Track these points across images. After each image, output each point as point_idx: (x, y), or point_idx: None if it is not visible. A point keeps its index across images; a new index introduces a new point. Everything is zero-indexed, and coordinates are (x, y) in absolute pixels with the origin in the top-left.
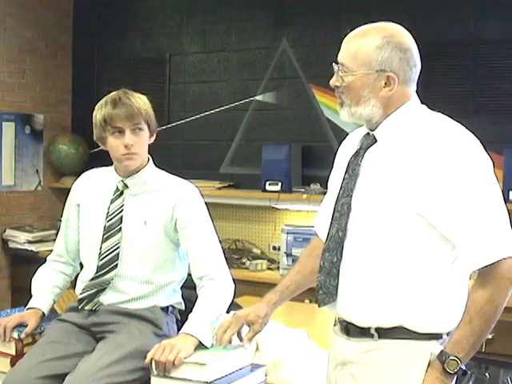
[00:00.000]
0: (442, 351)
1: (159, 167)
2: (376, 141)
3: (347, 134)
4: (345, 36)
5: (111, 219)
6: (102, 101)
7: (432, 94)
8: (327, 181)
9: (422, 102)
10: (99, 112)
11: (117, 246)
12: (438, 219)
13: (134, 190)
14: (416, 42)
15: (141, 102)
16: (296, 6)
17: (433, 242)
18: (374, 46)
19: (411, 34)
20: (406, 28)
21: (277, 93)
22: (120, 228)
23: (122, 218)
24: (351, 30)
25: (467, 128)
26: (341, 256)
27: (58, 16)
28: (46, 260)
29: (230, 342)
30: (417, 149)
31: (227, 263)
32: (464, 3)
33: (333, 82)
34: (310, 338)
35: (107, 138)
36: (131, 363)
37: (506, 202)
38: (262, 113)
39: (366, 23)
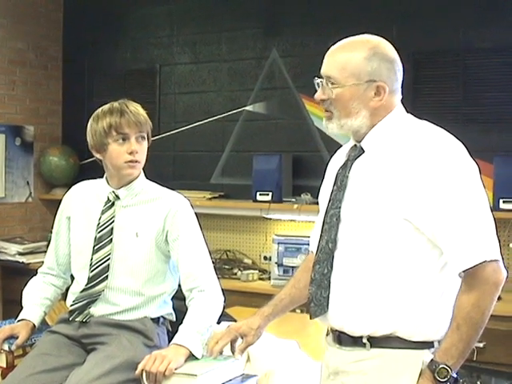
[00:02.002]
0: (431, 360)
1: (150, 178)
2: (363, 151)
3: (338, 144)
4: (328, 49)
5: (102, 230)
6: (102, 110)
7: (422, 103)
8: (318, 191)
9: (412, 111)
10: (101, 120)
11: (107, 258)
12: (425, 223)
13: (126, 201)
14: (406, 51)
15: (144, 112)
16: (286, 16)
17: (421, 248)
18: (362, 57)
19: (401, 44)
20: (395, 38)
21: (267, 103)
22: (111, 239)
23: (112, 229)
24: (333, 44)
25: (457, 136)
26: (331, 267)
27: (48, 27)
28: (36, 272)
29: (221, 353)
30: (402, 156)
31: (218, 274)
32: (454, 13)
33: (318, 95)
34: (301, 348)
35: (109, 144)
36: (122, 375)
37: (496, 211)
38: (252, 123)
39: (356, 33)
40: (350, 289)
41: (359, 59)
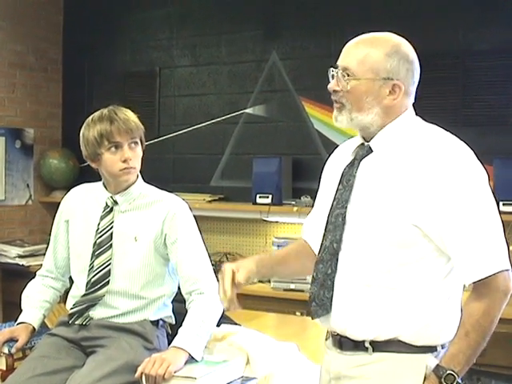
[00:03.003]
0: (438, 365)
1: (150, 181)
2: (371, 151)
3: (337, 146)
4: (344, 44)
5: (101, 236)
6: (93, 118)
7: (421, 105)
8: (317, 193)
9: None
10: (92, 129)
11: (108, 263)
12: (434, 231)
13: (124, 206)
14: None
15: (134, 117)
16: (285, 19)
17: (427, 255)
18: (384, 54)
19: None
20: None
21: (267, 106)
22: (111, 245)
23: (112, 234)
24: (352, 38)
25: (458, 138)
26: (335, 268)
27: (48, 30)
28: (35, 275)
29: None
30: (413, 161)
31: (218, 276)
32: (453, 15)
33: (332, 85)
34: (301, 350)
35: (103, 154)
36: (121, 377)
37: None
38: (252, 126)
39: (356, 35)
40: (354, 291)
41: (380, 55)
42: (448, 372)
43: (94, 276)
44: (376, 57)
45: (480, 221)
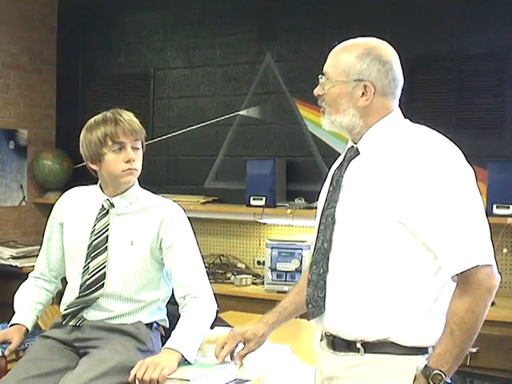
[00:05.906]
0: (425, 365)
1: (144, 183)
2: (359, 153)
3: (331, 149)
4: (331, 49)
5: (97, 238)
6: (95, 120)
7: (415, 108)
8: (311, 195)
9: (405, 116)
10: (95, 131)
11: (103, 265)
12: (419, 227)
13: (120, 209)
14: (400, 57)
15: (137, 120)
16: (280, 21)
17: (415, 251)
18: (354, 56)
19: (395, 50)
20: (389, 43)
21: (261, 108)
22: (106, 247)
23: (107, 237)
24: (339, 43)
25: (450, 141)
26: (327, 268)
27: (43, 31)
28: (28, 276)
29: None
30: (398, 158)
31: (212, 278)
32: (447, 18)
33: (316, 91)
34: (295, 353)
35: (105, 154)
36: (114, 379)
37: (489, 216)
38: (246, 128)
39: (350, 38)
40: (344, 291)
41: (351, 58)
42: (435, 372)
43: (89, 278)
44: (347, 60)
45: (462, 216)
